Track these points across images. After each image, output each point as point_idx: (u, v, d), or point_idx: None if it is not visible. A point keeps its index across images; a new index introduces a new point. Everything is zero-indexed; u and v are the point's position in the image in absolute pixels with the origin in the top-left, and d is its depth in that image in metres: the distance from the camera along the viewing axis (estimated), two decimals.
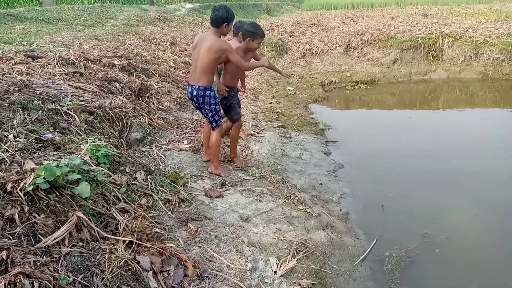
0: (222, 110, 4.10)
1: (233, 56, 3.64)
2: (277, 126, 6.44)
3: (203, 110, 3.89)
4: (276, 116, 7.20)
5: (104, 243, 2.54)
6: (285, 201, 3.83)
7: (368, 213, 4.23)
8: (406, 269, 3.30)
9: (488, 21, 13.67)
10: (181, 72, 7.47)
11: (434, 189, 4.68)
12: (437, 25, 13.16)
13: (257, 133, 5.83)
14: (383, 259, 3.40)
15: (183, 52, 9.48)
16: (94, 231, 2.59)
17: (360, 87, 10.27)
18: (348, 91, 10.05)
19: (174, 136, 4.86)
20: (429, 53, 11.23)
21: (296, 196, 3.97)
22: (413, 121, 7.52)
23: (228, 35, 3.96)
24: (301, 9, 38.10)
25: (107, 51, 6.97)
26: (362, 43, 11.79)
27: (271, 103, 8.14)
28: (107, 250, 2.43)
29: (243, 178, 4.18)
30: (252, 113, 6.93)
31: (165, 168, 3.92)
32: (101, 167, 3.14)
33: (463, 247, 3.67)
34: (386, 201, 4.41)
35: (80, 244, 2.46)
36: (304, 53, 12.00)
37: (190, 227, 2.99)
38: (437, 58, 11.22)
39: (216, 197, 3.62)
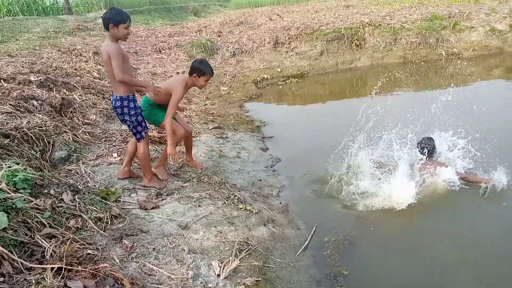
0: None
1: (114, 61, 3.36)
2: (213, 128, 6.38)
3: (124, 122, 3.73)
4: (212, 117, 7.14)
5: (29, 274, 2.36)
6: (225, 203, 3.79)
7: (306, 203, 4.34)
8: (345, 251, 3.42)
9: (403, 8, 14.57)
10: (106, 82, 7.14)
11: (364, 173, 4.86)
12: (358, 15, 13.80)
13: (192, 137, 5.73)
14: (323, 245, 3.50)
15: None
16: (18, 263, 2.40)
17: (291, 81, 10.50)
18: (280, 86, 10.23)
19: (103, 150, 4.63)
20: (352, 43, 11.75)
21: (236, 195, 3.96)
22: (342, 109, 7.80)
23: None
24: (228, 8, 38.09)
25: (22, 67, 6.50)
26: (289, 38, 12.06)
27: (206, 105, 8.06)
28: (33, 281, 2.26)
29: (180, 186, 4.08)
30: (187, 117, 6.80)
31: (94, 185, 3.72)
32: (21, 193, 2.91)
33: (395, 224, 3.87)
34: (322, 188, 4.54)
35: (1, 279, 2.26)
36: (234, 52, 12.03)
37: (125, 244, 2.86)
38: (360, 46, 11.77)
39: (151, 209, 3.50)
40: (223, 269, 2.81)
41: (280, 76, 10.78)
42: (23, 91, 5.18)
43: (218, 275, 2.74)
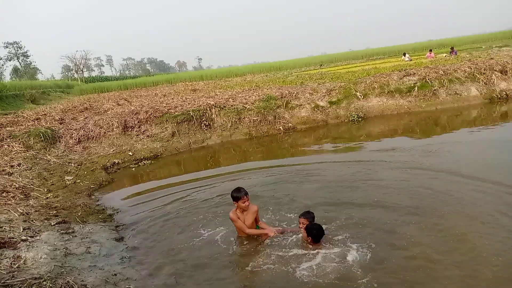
0: None
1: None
2: (56, 223, 5.72)
3: None
4: (55, 211, 6.43)
5: None
6: None
7: None
8: None
9: (243, 91, 16.18)
10: None
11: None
12: (204, 98, 14.75)
13: (30, 237, 5.02)
14: None
15: None
16: None
17: (145, 163, 10.34)
18: (133, 169, 9.95)
19: None
20: (202, 123, 12.39)
21: None
22: (201, 186, 7.91)
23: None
24: (71, 95, 36.53)
25: None
26: (139, 122, 12.07)
27: (47, 198, 7.26)
28: None
29: None
30: (23, 214, 5.98)
31: None
32: None
33: None
34: (182, 270, 4.43)
35: None
36: (79, 139, 11.36)
37: None
38: (210, 126, 12.48)
39: None
40: None
41: (133, 160, 10.53)
42: None
43: None
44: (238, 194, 4.86)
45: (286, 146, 11.02)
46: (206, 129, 12.36)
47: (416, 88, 13.98)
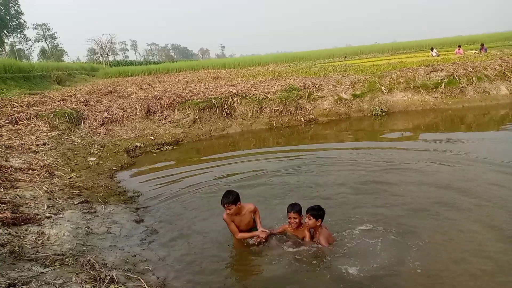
0: None
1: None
2: (79, 202, 5.85)
3: None
4: (78, 191, 6.57)
5: None
6: (94, 285, 3.41)
7: (187, 274, 4.15)
8: None
9: (265, 80, 16.09)
10: None
11: None
12: (226, 86, 14.74)
13: (54, 214, 5.15)
14: None
15: None
16: None
17: (166, 148, 10.44)
18: (154, 154, 10.06)
19: None
20: (223, 111, 12.39)
21: (107, 275, 3.60)
22: (222, 171, 7.95)
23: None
24: (96, 78, 37.13)
25: None
26: (161, 107, 12.17)
27: (71, 177, 7.43)
28: None
29: (40, 272, 3.56)
30: (47, 192, 6.14)
31: None
32: None
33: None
34: (200, 254, 4.47)
35: None
36: (103, 121, 11.55)
37: None
38: (231, 114, 12.47)
39: None
40: None
41: (154, 144, 10.65)
42: None
43: None
44: (223, 200, 4.55)
45: (307, 137, 10.93)
46: (227, 117, 12.37)
47: (443, 84, 13.61)
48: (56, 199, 5.88)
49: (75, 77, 32.67)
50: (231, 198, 4.51)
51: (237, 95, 12.89)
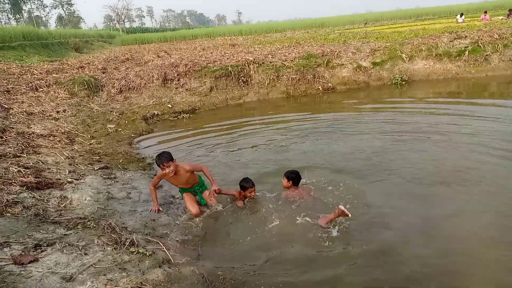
0: None
1: None
2: (99, 168, 5.99)
3: None
4: (98, 157, 6.71)
5: None
6: (115, 248, 3.54)
7: (211, 234, 4.28)
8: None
9: (283, 47, 15.78)
10: None
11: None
12: (243, 53, 14.52)
13: (76, 179, 5.30)
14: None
15: None
16: None
17: (183, 116, 10.49)
18: (172, 122, 10.14)
19: None
20: (239, 79, 12.28)
21: (127, 239, 3.73)
22: (237, 143, 7.99)
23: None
24: (113, 45, 37.07)
25: None
26: (178, 75, 12.14)
27: (91, 144, 7.58)
28: None
29: (63, 234, 3.71)
30: (68, 158, 6.29)
31: None
32: None
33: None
34: (215, 220, 4.56)
35: None
36: (121, 88, 11.63)
37: None
38: (247, 83, 12.37)
39: (29, 263, 3.10)
40: None
41: (171, 112, 10.71)
42: None
43: None
44: (159, 160, 4.73)
45: (324, 106, 10.81)
46: (243, 86, 12.28)
47: (466, 52, 13.13)
48: (77, 164, 6.03)
49: (93, 44, 32.72)
50: (167, 156, 4.72)
51: (253, 62, 12.73)
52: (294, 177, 5.02)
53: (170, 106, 10.95)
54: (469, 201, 4.65)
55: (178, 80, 12.07)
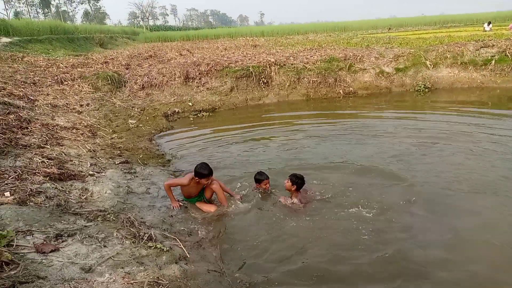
0: None
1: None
2: (120, 163, 6.08)
3: None
4: (119, 151, 6.82)
5: None
6: (133, 241, 3.59)
7: (220, 236, 4.30)
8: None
9: (305, 50, 15.75)
10: None
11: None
12: (264, 54, 14.54)
13: (97, 172, 5.39)
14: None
15: (0, 91, 8.29)
16: None
17: (203, 115, 10.56)
18: (192, 120, 10.21)
19: None
20: (260, 80, 12.30)
21: (146, 233, 3.77)
22: (255, 143, 8.01)
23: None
24: (137, 42, 37.58)
25: None
26: (200, 74, 12.23)
27: (112, 138, 7.70)
28: None
29: (83, 225, 3.77)
30: (90, 151, 6.41)
31: None
32: None
33: None
34: (232, 218, 4.57)
35: None
36: (143, 85, 11.79)
37: None
38: (268, 84, 12.37)
39: (50, 252, 3.17)
40: None
41: (192, 110, 10.80)
42: None
43: None
44: (210, 172, 4.87)
45: (345, 110, 10.72)
46: (264, 87, 12.30)
47: (493, 61, 12.84)
48: (98, 158, 6.14)
49: (117, 40, 33.25)
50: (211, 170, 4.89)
51: (275, 64, 12.73)
52: (298, 182, 4.99)
53: (191, 104, 11.04)
54: (493, 212, 4.54)
55: (200, 79, 12.16)
